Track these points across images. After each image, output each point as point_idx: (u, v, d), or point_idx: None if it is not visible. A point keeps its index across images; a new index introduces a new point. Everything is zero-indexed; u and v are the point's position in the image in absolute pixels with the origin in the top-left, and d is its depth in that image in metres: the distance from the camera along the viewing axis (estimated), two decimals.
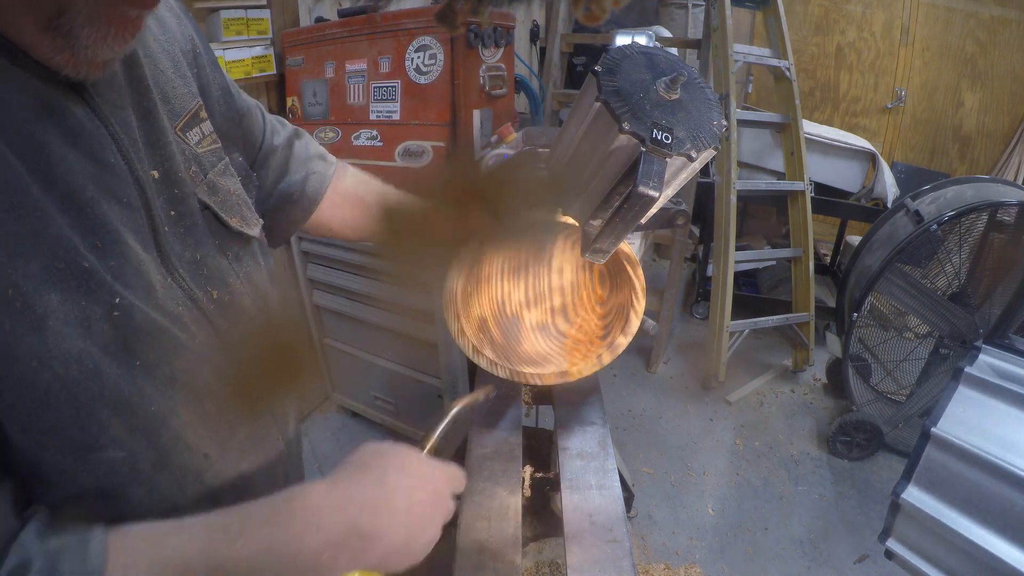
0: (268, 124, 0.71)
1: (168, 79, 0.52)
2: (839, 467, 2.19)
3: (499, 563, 0.62)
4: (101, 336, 0.41)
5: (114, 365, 0.42)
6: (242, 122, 0.66)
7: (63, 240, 0.39)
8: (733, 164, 2.35)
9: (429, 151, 1.62)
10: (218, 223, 0.55)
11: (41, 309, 0.37)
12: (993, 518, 1.14)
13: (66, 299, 0.39)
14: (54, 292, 0.38)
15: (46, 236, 0.38)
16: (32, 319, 0.37)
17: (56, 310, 0.38)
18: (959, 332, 1.95)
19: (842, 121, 3.96)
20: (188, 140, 0.53)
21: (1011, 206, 1.87)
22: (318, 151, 0.76)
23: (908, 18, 3.67)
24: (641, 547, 1.82)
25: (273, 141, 0.71)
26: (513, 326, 0.82)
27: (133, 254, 0.44)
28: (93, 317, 0.40)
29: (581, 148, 0.57)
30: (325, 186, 0.73)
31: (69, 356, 0.39)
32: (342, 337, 2.11)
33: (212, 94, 0.59)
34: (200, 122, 0.55)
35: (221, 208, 0.55)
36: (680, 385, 2.65)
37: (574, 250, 0.82)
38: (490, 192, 0.58)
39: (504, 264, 0.79)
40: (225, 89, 0.62)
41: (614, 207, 0.51)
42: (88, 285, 0.40)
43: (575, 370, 0.79)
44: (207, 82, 0.59)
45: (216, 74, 0.61)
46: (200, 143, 0.54)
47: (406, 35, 1.55)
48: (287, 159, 0.71)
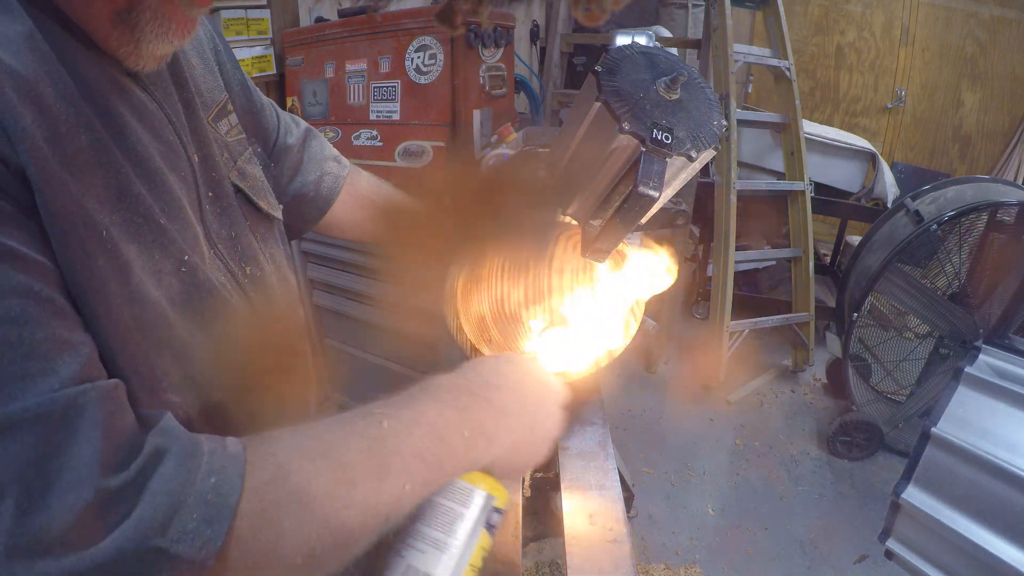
0: (282, 122, 0.73)
1: (200, 73, 0.57)
2: (839, 467, 2.19)
3: (499, 563, 0.62)
4: (169, 288, 0.45)
5: (178, 315, 0.45)
6: (258, 118, 0.69)
7: (142, 198, 0.43)
8: (733, 164, 2.35)
9: (429, 151, 1.62)
10: (249, 205, 0.59)
11: (125, 255, 0.41)
12: (993, 518, 1.14)
13: (142, 251, 0.42)
14: (133, 243, 0.42)
15: (128, 192, 0.42)
16: (119, 262, 0.40)
17: (135, 259, 0.41)
18: (959, 332, 1.95)
19: (842, 121, 3.96)
20: (219, 129, 0.57)
21: (1011, 206, 1.87)
22: (332, 153, 0.78)
23: (908, 18, 3.67)
24: (641, 547, 1.82)
25: (287, 140, 0.73)
26: (511, 326, 0.82)
27: (191, 223, 0.48)
28: (164, 270, 0.44)
29: (581, 148, 0.57)
30: (339, 188, 0.76)
31: (145, 300, 0.42)
32: (342, 337, 2.10)
33: (234, 89, 0.63)
34: (228, 114, 0.60)
35: (252, 191, 0.59)
36: (680, 385, 2.65)
37: (575, 251, 0.82)
38: (491, 192, 0.59)
39: (505, 263, 0.79)
40: (244, 85, 0.66)
41: (614, 207, 0.51)
42: (161, 241, 0.44)
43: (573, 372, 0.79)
44: (229, 78, 0.63)
45: (236, 71, 0.65)
46: (229, 132, 0.59)
47: (406, 35, 1.55)
48: (301, 159, 0.74)
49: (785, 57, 2.47)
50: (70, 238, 0.37)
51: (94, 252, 0.38)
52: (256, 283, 0.57)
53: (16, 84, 0.35)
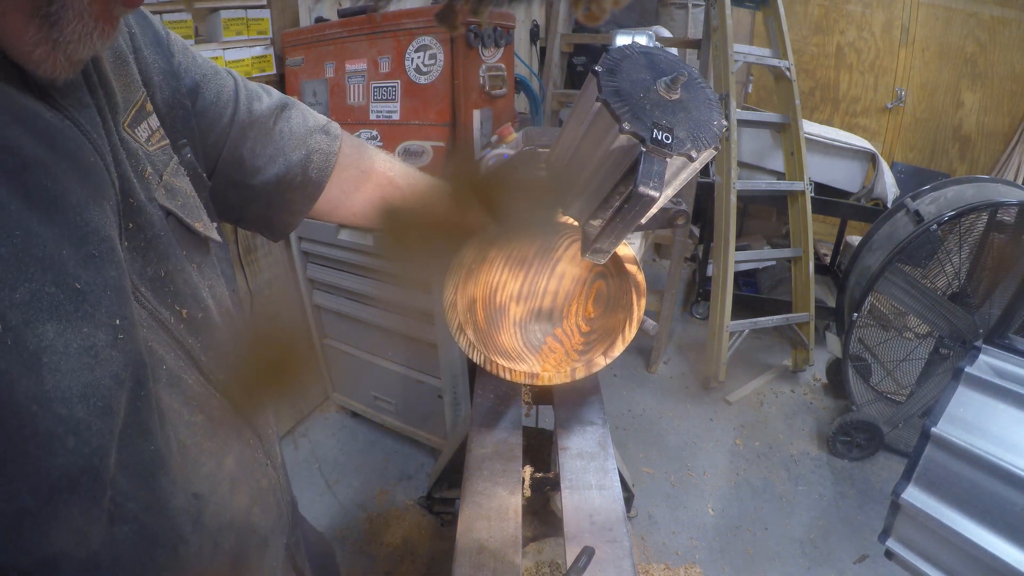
0: (242, 91, 0.60)
1: (109, 69, 0.46)
2: (839, 467, 2.19)
3: (499, 563, 0.62)
4: (110, 364, 0.35)
5: (124, 398, 0.36)
6: (197, 100, 0.56)
7: (51, 259, 0.33)
8: (733, 164, 2.35)
9: (429, 151, 1.62)
10: (183, 229, 0.49)
11: (35, 344, 0.31)
12: (993, 518, 1.14)
13: (64, 328, 0.33)
14: (49, 322, 0.32)
15: (29, 258, 0.32)
16: (25, 357, 0.31)
17: (54, 343, 0.32)
18: (959, 332, 1.95)
19: (842, 121, 3.96)
20: (138, 137, 0.47)
21: (1011, 206, 1.87)
22: (318, 123, 0.65)
23: (908, 18, 3.67)
24: (641, 547, 1.82)
25: (252, 108, 0.60)
26: (497, 315, 0.82)
27: (122, 263, 0.39)
28: (98, 345, 0.35)
29: (581, 148, 0.57)
30: (330, 166, 0.63)
31: (71, 394, 0.33)
32: (342, 337, 2.11)
33: (153, 80, 0.51)
34: (147, 116, 0.48)
35: (184, 212, 0.49)
36: (680, 385, 2.65)
37: (577, 259, 0.82)
38: (491, 192, 0.58)
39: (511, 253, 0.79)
40: (167, 72, 0.53)
41: (614, 207, 0.51)
42: (84, 310, 0.34)
43: (545, 376, 0.79)
44: (146, 66, 0.51)
45: (157, 54, 0.52)
46: (149, 140, 0.48)
47: (406, 35, 1.55)
48: (278, 133, 0.61)
49: (785, 57, 2.47)
50: None
51: None
52: (197, 329, 0.47)
53: None
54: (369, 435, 2.25)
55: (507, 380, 0.78)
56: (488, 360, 0.76)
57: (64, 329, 0.33)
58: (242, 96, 0.59)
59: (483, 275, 0.78)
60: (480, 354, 0.76)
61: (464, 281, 0.73)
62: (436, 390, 1.89)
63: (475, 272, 0.75)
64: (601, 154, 0.53)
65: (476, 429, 0.83)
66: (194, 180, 0.52)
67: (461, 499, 0.70)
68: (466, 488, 0.72)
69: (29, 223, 0.32)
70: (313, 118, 0.65)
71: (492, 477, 0.74)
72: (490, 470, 0.75)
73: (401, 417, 2.14)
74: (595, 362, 0.79)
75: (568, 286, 0.84)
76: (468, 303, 0.76)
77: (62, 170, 0.36)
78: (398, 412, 2.13)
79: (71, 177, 0.36)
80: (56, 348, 0.32)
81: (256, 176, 0.61)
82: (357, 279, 1.86)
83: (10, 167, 0.32)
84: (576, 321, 0.85)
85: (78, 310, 0.34)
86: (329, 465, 2.10)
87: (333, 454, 2.15)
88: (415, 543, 1.79)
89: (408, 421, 2.12)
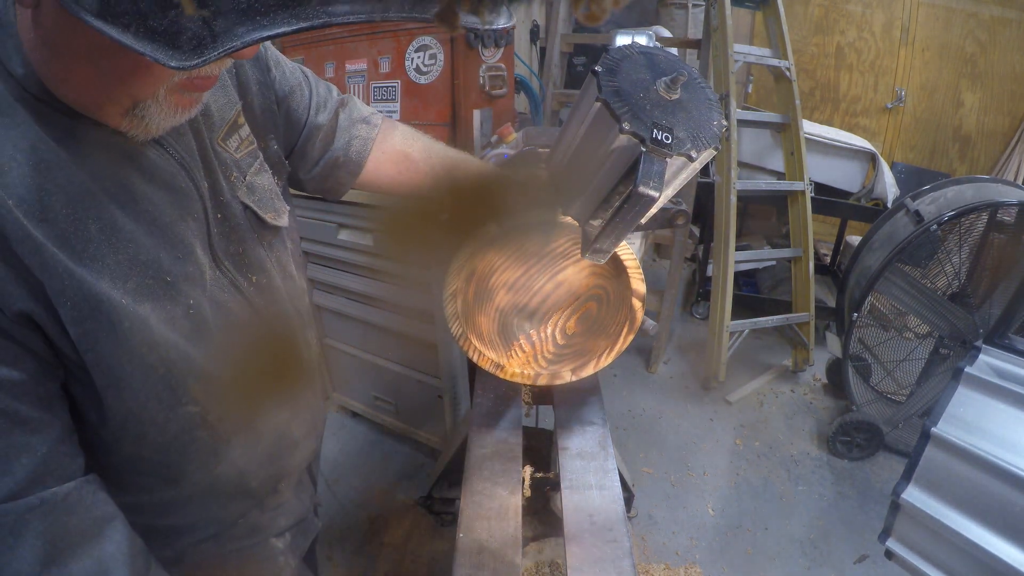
0: (314, 100, 0.77)
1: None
2: (839, 467, 2.19)
3: (499, 563, 0.62)
4: (183, 329, 0.54)
5: (193, 347, 0.55)
6: (284, 106, 0.72)
7: (152, 262, 0.52)
8: (733, 164, 2.35)
9: None
10: (256, 219, 0.65)
11: (144, 313, 0.51)
12: (993, 518, 1.14)
13: (156, 307, 0.52)
14: (147, 302, 0.52)
15: (138, 261, 0.51)
16: (139, 320, 0.50)
17: (151, 315, 0.52)
18: (959, 332, 1.95)
19: (842, 121, 3.96)
20: (228, 148, 0.61)
21: (1011, 206, 1.87)
22: (362, 115, 0.82)
23: (908, 18, 3.67)
24: (641, 547, 1.82)
25: (317, 119, 0.77)
26: (483, 297, 0.82)
27: (200, 262, 0.57)
28: (176, 317, 0.54)
29: (581, 148, 0.57)
30: (367, 149, 0.80)
31: (167, 343, 0.53)
32: (342, 337, 2.10)
33: (251, 90, 0.66)
34: (238, 128, 0.63)
35: (259, 206, 0.65)
36: (680, 385, 2.65)
37: (581, 274, 0.82)
38: (492, 192, 0.59)
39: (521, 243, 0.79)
40: (262, 83, 0.68)
41: (614, 207, 0.51)
42: (171, 294, 0.54)
43: (509, 371, 0.80)
44: (246, 80, 0.65)
45: (255, 70, 0.67)
46: (239, 148, 0.63)
47: (406, 35, 1.55)
48: (332, 130, 0.79)
49: (785, 57, 2.47)
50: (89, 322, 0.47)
51: (118, 319, 0.49)
52: (262, 290, 0.65)
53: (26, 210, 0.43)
54: (369, 435, 2.25)
55: (481, 365, 0.79)
56: (463, 337, 0.77)
57: (156, 307, 0.52)
58: (312, 107, 0.77)
59: (486, 255, 0.78)
60: (461, 327, 0.76)
61: (470, 256, 0.74)
62: (436, 390, 1.89)
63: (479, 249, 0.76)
64: (601, 154, 0.53)
65: (476, 429, 0.83)
66: (276, 169, 0.69)
67: (461, 499, 0.70)
68: (466, 488, 0.72)
69: (138, 237, 0.51)
70: (359, 112, 0.82)
71: (492, 477, 0.74)
72: (490, 470, 0.75)
73: (401, 417, 2.14)
74: (560, 375, 0.81)
75: (561, 295, 0.84)
76: (468, 274, 0.77)
77: (159, 197, 0.53)
78: (398, 412, 2.13)
79: (166, 201, 0.53)
80: (153, 317, 0.52)
81: (315, 167, 0.80)
82: (357, 279, 1.86)
83: (124, 199, 0.50)
84: (555, 331, 0.86)
85: (166, 295, 0.53)
86: (329, 465, 2.10)
87: (333, 454, 2.15)
88: (415, 543, 1.79)
89: (408, 421, 2.12)
